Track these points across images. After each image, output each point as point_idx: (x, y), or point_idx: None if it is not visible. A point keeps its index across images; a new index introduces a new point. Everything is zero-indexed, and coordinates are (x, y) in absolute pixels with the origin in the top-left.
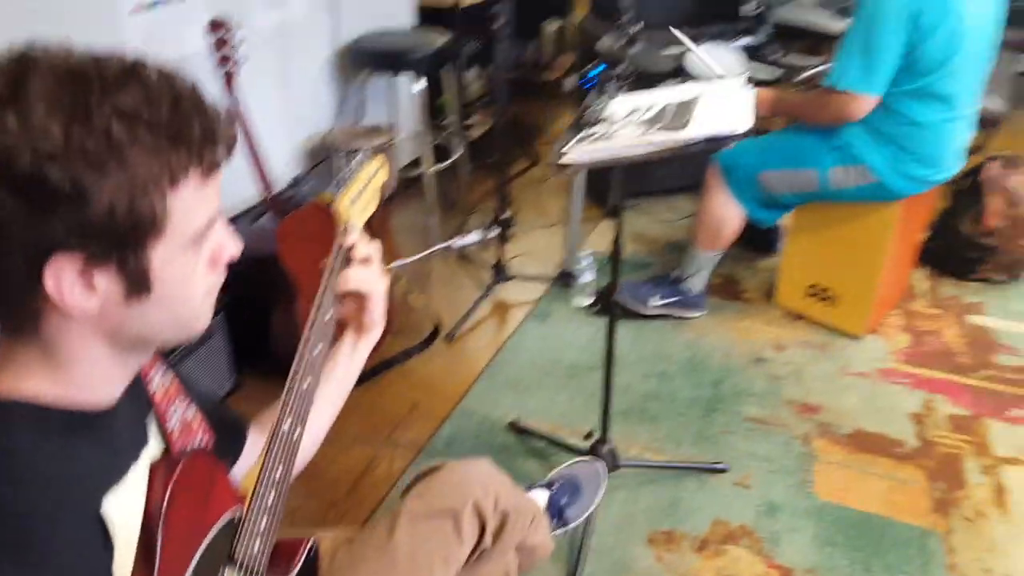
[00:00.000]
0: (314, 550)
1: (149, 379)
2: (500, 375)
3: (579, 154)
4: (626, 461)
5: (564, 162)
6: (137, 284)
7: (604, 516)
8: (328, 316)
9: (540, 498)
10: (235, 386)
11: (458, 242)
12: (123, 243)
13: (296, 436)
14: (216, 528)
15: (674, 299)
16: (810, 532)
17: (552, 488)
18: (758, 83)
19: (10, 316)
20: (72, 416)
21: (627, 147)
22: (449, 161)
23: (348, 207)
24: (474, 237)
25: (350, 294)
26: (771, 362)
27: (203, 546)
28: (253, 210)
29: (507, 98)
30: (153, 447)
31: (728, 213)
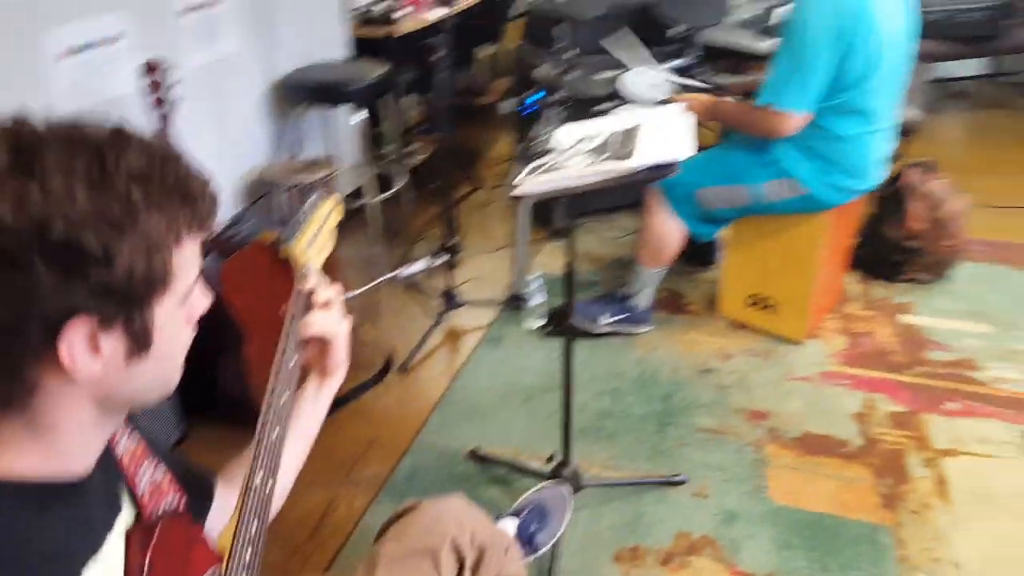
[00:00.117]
0: None
1: (116, 443)
2: (457, 404)
3: (532, 185)
4: (588, 481)
5: (517, 194)
6: (140, 342)
7: (570, 537)
8: (292, 363)
9: (510, 527)
10: (183, 435)
11: (405, 271)
12: (134, 302)
13: (268, 489)
14: None
15: (622, 316)
16: (768, 536)
17: (520, 516)
18: (698, 90)
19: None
20: (49, 489)
21: (577, 177)
22: (393, 190)
23: (305, 251)
24: (421, 265)
25: (313, 339)
26: (718, 372)
27: None
28: None
29: (451, 126)
30: (126, 513)
31: (670, 230)
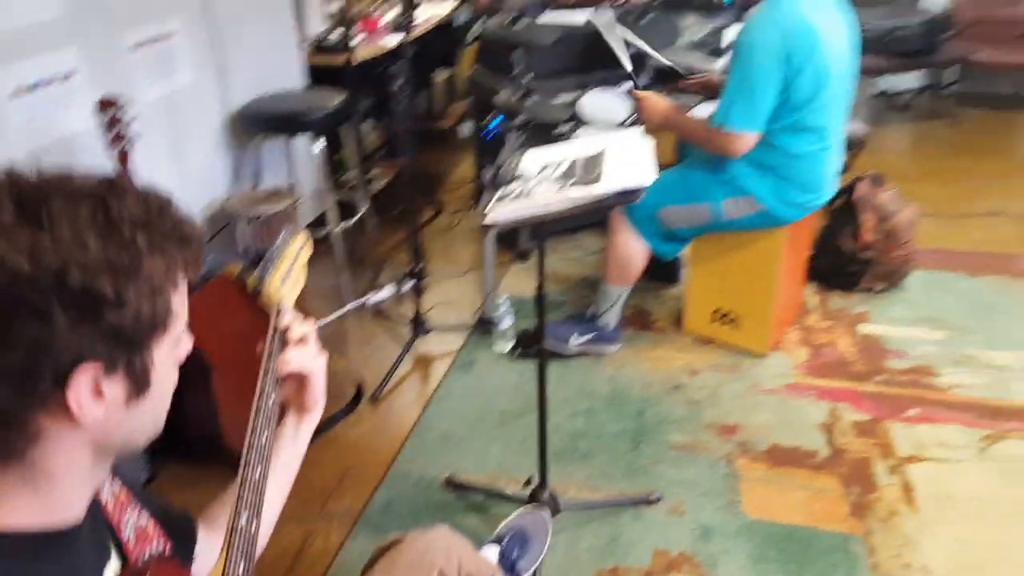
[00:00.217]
0: None
1: (100, 489)
2: (430, 431)
3: (502, 213)
4: (566, 503)
5: (488, 222)
6: (140, 385)
7: (550, 561)
8: (271, 401)
9: (492, 554)
10: (152, 475)
11: (372, 299)
12: (137, 344)
13: (254, 529)
14: None
15: (592, 336)
16: (744, 551)
17: (502, 543)
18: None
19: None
20: (44, 539)
21: (546, 204)
22: (356, 218)
23: (279, 288)
24: (388, 292)
25: (291, 376)
26: (687, 387)
27: None
28: None
29: (413, 151)
30: (114, 560)
31: (634, 250)
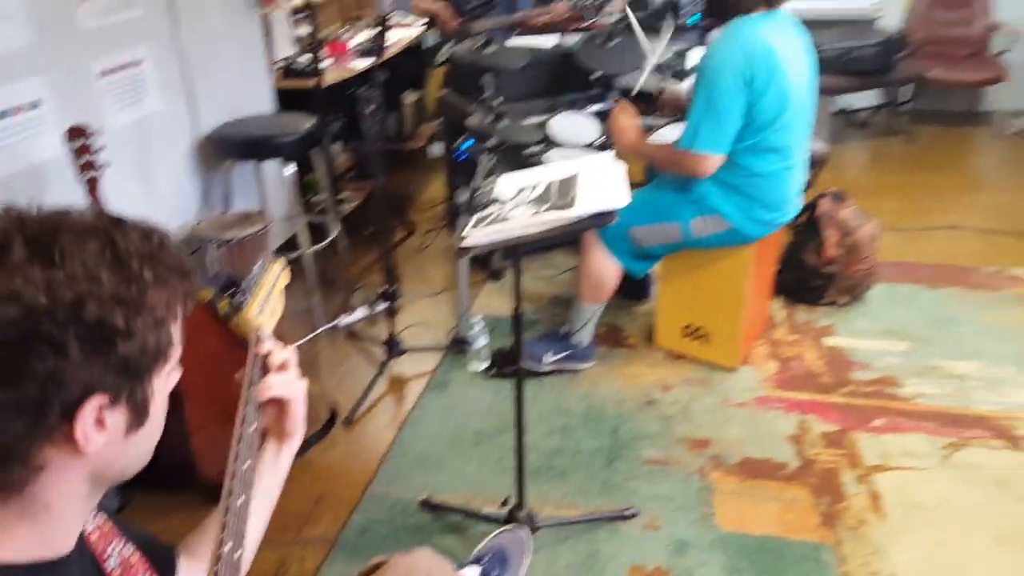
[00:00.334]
0: None
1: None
2: (406, 453)
3: (479, 237)
4: (543, 521)
5: (466, 246)
6: (140, 414)
7: None
8: (252, 428)
9: (472, 575)
10: (123, 503)
11: (345, 321)
12: (140, 375)
13: (237, 557)
14: None
15: (566, 353)
16: (719, 563)
17: (482, 563)
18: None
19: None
20: (37, 570)
21: (523, 227)
22: (328, 240)
23: (257, 315)
24: (360, 314)
25: (271, 402)
26: (660, 403)
27: None
28: None
29: (383, 173)
30: None
31: (607, 268)
